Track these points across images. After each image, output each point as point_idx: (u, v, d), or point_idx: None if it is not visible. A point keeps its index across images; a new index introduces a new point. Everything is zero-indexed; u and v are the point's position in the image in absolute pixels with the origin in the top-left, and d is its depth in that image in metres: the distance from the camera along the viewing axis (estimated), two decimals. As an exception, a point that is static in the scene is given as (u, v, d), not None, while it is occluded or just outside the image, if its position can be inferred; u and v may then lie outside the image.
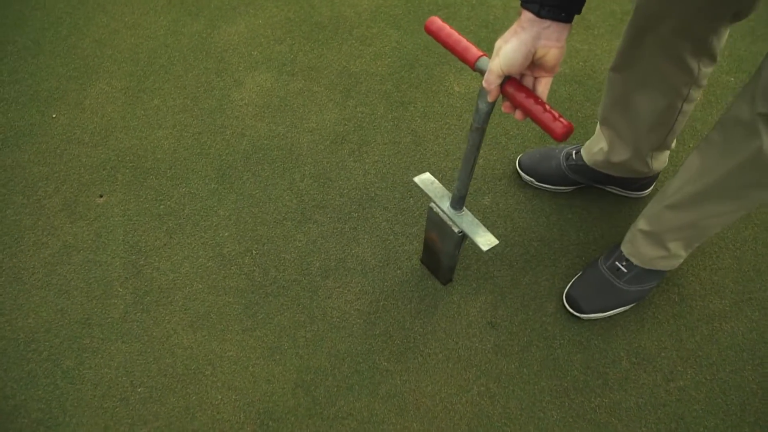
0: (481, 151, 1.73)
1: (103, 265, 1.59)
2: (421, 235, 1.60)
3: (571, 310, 1.48)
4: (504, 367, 1.43)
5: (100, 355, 1.48)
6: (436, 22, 1.01)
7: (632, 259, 1.43)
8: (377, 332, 1.48)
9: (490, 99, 0.96)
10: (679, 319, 1.47)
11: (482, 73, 0.94)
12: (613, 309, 1.46)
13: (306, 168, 1.73)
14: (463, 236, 1.28)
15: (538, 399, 1.39)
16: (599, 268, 1.48)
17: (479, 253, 1.56)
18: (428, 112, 1.82)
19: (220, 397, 1.42)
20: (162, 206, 1.68)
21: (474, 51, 0.97)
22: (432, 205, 1.32)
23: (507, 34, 0.86)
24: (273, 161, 1.75)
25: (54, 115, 1.86)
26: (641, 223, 1.39)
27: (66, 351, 1.49)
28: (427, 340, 1.47)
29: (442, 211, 1.29)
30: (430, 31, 1.02)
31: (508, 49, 0.85)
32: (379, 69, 1.91)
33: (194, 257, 1.60)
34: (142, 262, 1.59)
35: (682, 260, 1.41)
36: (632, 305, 1.48)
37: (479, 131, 1.06)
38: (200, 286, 1.56)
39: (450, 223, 1.28)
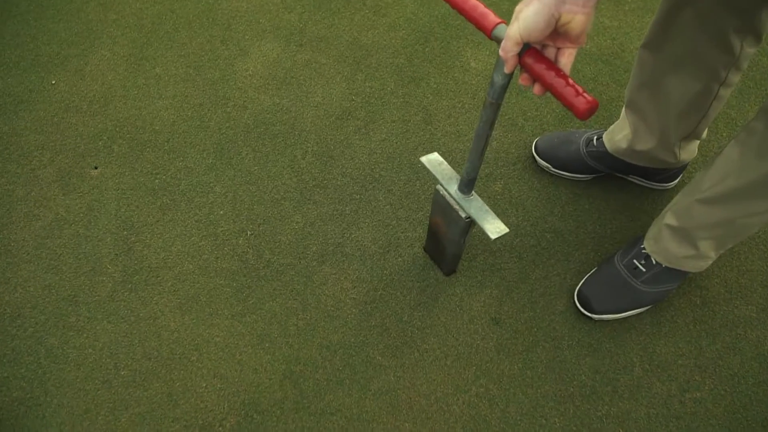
0: (495, 133, 1.61)
1: (93, 240, 1.53)
2: (426, 221, 1.50)
3: (581, 309, 1.37)
4: (506, 367, 1.33)
5: (84, 335, 1.42)
6: None
7: (656, 257, 1.30)
8: (373, 324, 1.40)
9: (506, 70, 0.85)
10: (700, 325, 1.35)
11: (499, 42, 0.83)
12: (627, 311, 1.35)
13: (308, 145, 1.64)
14: (471, 222, 1.18)
15: (540, 404, 1.29)
16: (615, 265, 1.37)
17: (487, 243, 1.46)
18: (441, 89, 1.70)
19: (204, 384, 1.35)
20: (157, 180, 1.61)
21: (492, 17, 0.86)
22: (438, 187, 1.22)
23: None
24: (274, 136, 1.66)
25: (53, 82, 1.80)
26: (668, 218, 1.26)
27: (51, 329, 1.44)
28: (425, 335, 1.38)
29: (449, 194, 1.19)
30: None
31: (529, 13, 0.73)
32: (392, 41, 1.80)
33: (187, 236, 1.53)
34: (133, 239, 1.53)
35: (710, 262, 1.28)
36: (648, 307, 1.36)
37: (493, 107, 0.96)
38: (191, 266, 1.49)
39: (457, 207, 1.18)
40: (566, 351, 1.34)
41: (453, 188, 1.18)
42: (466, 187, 1.15)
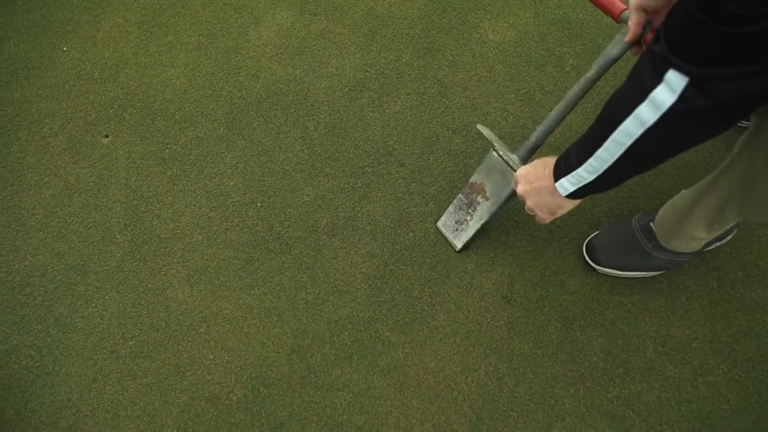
0: (512, 107, 1.57)
1: (103, 209, 1.53)
2: (439, 196, 1.47)
3: (588, 259, 1.36)
4: (516, 346, 1.32)
5: (93, 304, 1.42)
6: None
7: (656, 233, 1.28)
8: (382, 299, 1.38)
9: (627, 39, 1.00)
10: (716, 308, 1.32)
11: (626, 22, 1.00)
12: (633, 270, 1.32)
13: (321, 116, 1.61)
14: None
15: (550, 384, 1.28)
16: (631, 224, 1.33)
17: (499, 220, 1.43)
18: (457, 61, 1.66)
19: (212, 357, 1.35)
20: (168, 150, 1.59)
21: (618, 4, 1.03)
22: (494, 152, 1.27)
23: None
24: (287, 107, 1.63)
25: (65, 48, 1.78)
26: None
27: (60, 297, 1.44)
28: (435, 312, 1.36)
29: (508, 156, 1.23)
30: None
31: None
32: (409, 11, 1.75)
33: (196, 206, 1.51)
34: (143, 209, 1.52)
35: (702, 243, 1.25)
36: (657, 273, 1.33)
37: (593, 79, 1.10)
38: (200, 237, 1.47)
39: (512, 166, 1.22)
40: (578, 331, 1.32)
41: (509, 154, 1.23)
42: (528, 153, 1.22)
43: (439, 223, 1.43)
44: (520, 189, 1.09)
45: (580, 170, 0.90)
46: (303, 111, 1.62)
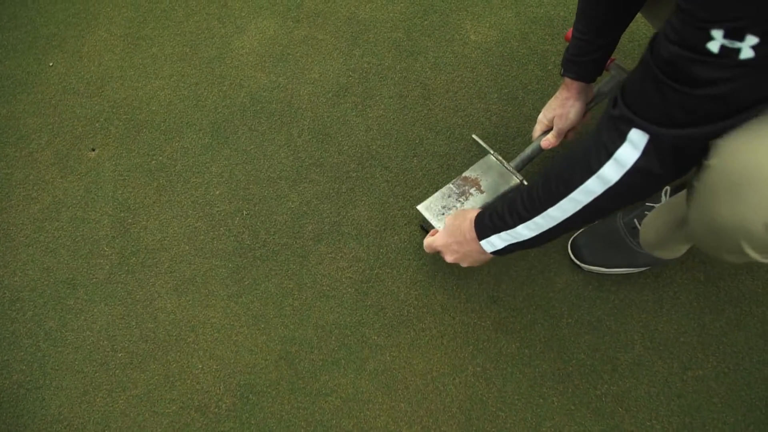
0: (495, 107, 1.57)
1: (91, 222, 1.53)
2: (425, 198, 1.46)
3: (573, 258, 1.36)
4: (503, 346, 1.31)
5: (83, 317, 1.43)
6: None
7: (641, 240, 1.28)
8: (369, 303, 1.38)
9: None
10: (703, 301, 1.31)
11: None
12: (617, 267, 1.32)
13: (305, 122, 1.61)
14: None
15: (538, 383, 1.27)
16: (616, 221, 1.33)
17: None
18: (440, 63, 1.66)
19: (200, 366, 1.36)
20: (154, 161, 1.60)
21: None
22: (491, 156, 1.34)
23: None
24: (271, 115, 1.63)
25: (51, 64, 1.79)
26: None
27: (50, 312, 1.45)
28: (421, 314, 1.36)
29: (505, 162, 1.33)
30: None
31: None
32: (390, 15, 1.75)
33: (183, 216, 1.52)
34: (130, 221, 1.53)
35: (682, 253, 1.26)
36: (643, 269, 1.33)
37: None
38: (187, 247, 1.48)
39: (512, 171, 1.32)
40: (565, 329, 1.32)
41: (506, 161, 1.34)
42: (523, 163, 1.36)
43: (422, 206, 1.40)
44: (441, 241, 1.20)
45: (518, 228, 0.96)
46: (287, 118, 1.62)
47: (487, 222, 1.03)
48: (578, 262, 1.34)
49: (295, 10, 1.80)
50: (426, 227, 1.41)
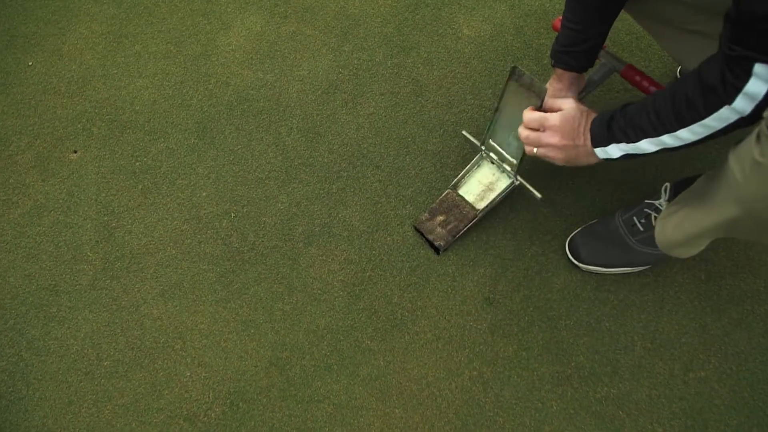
0: (489, 103, 1.53)
1: (73, 227, 1.49)
2: (417, 198, 1.43)
3: (571, 257, 1.32)
4: (500, 349, 1.28)
5: (66, 325, 1.38)
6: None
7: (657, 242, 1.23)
8: (361, 307, 1.34)
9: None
10: (705, 300, 1.28)
11: None
12: (616, 267, 1.29)
13: (294, 121, 1.57)
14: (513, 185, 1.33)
15: (536, 387, 1.24)
16: (615, 219, 1.29)
17: (479, 221, 1.39)
18: (432, 58, 1.62)
19: (189, 373, 1.31)
20: (138, 163, 1.55)
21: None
22: (483, 152, 1.35)
23: None
24: (258, 113, 1.59)
25: (30, 63, 1.73)
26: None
27: (32, 320, 1.40)
28: (415, 317, 1.32)
29: (496, 157, 1.32)
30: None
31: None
32: (381, 9, 1.71)
33: (169, 219, 1.47)
34: (114, 225, 1.48)
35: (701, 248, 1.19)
36: (643, 268, 1.30)
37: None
38: (173, 251, 1.43)
39: (509, 168, 1.31)
40: (564, 331, 1.28)
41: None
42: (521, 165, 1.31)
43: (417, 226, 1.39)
44: (554, 140, 1.08)
45: (641, 143, 0.94)
46: (275, 117, 1.58)
47: (605, 132, 0.99)
48: (576, 262, 1.31)
49: (282, 5, 1.75)
50: (422, 230, 1.38)
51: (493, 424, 1.22)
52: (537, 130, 1.12)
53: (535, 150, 1.13)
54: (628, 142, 0.96)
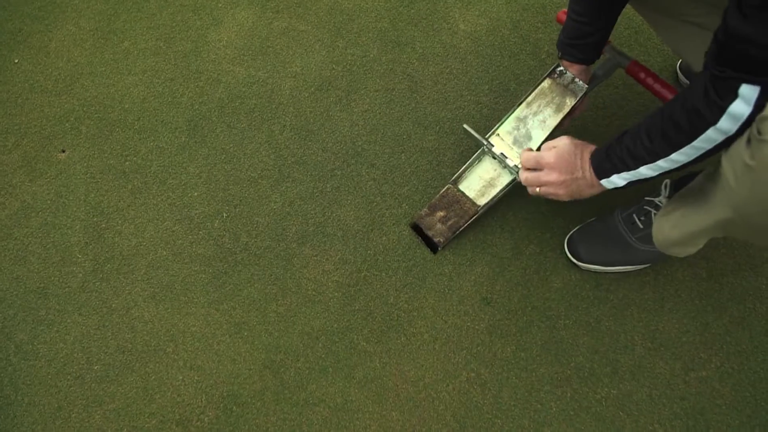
0: (486, 99, 1.51)
1: (62, 228, 1.45)
2: (413, 196, 1.41)
3: (570, 256, 1.31)
4: (498, 350, 1.26)
5: (55, 329, 1.36)
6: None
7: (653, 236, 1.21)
8: (356, 308, 1.32)
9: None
10: (706, 299, 1.26)
11: None
12: (616, 265, 1.27)
13: (286, 119, 1.54)
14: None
15: (535, 388, 1.22)
16: (614, 217, 1.27)
17: (477, 219, 1.36)
18: (428, 54, 1.59)
19: (181, 377, 1.29)
20: (127, 162, 1.52)
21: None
22: (486, 146, 1.29)
23: None
24: (250, 111, 1.56)
25: (16, 61, 1.70)
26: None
27: (20, 323, 1.37)
28: (412, 318, 1.30)
29: (497, 153, 1.27)
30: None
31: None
32: (375, 4, 1.68)
33: (160, 220, 1.44)
34: (103, 226, 1.45)
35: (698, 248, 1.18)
36: (643, 266, 1.28)
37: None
38: (165, 252, 1.41)
39: (508, 161, 1.26)
40: (562, 331, 1.26)
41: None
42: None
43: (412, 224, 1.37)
44: (552, 177, 1.08)
45: (641, 169, 0.96)
46: (267, 114, 1.55)
47: (606, 164, 1.00)
48: (575, 261, 1.29)
49: None
50: (421, 225, 1.35)
51: (492, 427, 1.20)
52: (535, 169, 1.12)
53: (537, 190, 1.13)
54: (629, 170, 0.97)
